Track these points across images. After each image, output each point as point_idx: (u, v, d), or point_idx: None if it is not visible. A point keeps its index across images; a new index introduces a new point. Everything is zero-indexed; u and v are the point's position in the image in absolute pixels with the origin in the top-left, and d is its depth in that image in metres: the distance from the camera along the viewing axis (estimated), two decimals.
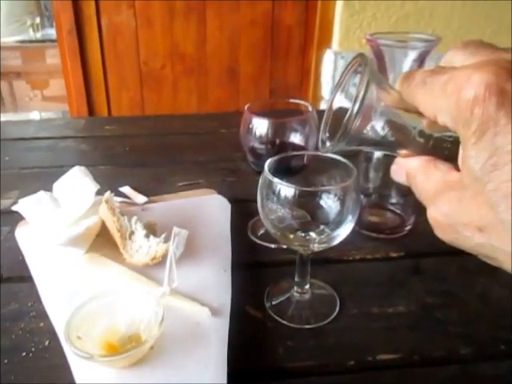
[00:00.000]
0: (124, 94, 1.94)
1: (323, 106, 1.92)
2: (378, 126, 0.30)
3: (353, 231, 0.44)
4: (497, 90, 0.21)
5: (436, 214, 0.26)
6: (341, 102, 0.33)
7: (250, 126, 0.55)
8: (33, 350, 0.44)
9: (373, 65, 0.29)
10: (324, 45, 1.89)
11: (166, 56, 1.89)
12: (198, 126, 1.06)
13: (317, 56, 1.92)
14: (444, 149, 0.28)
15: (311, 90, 1.99)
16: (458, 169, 0.26)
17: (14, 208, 0.60)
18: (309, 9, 1.86)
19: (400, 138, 0.30)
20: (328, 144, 0.32)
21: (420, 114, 0.26)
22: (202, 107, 1.97)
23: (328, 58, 1.89)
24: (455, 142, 0.25)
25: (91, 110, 1.94)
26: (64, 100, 2.56)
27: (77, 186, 0.58)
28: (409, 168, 0.29)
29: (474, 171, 0.22)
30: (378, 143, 0.31)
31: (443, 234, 0.26)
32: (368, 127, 0.30)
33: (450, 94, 0.23)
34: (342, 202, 0.42)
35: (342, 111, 0.29)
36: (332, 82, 1.87)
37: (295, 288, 0.50)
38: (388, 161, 0.59)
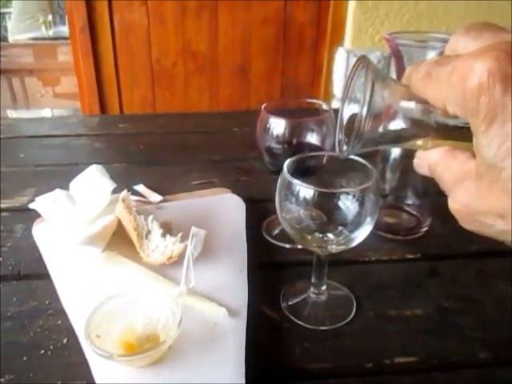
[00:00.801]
0: (136, 91, 1.94)
1: (335, 104, 1.92)
2: (391, 124, 0.29)
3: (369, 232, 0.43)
4: (500, 76, 0.21)
5: (456, 204, 0.26)
6: (351, 108, 0.32)
7: (267, 126, 0.54)
8: (51, 347, 0.44)
9: (376, 65, 0.29)
10: (336, 43, 1.88)
11: (177, 54, 1.89)
12: (211, 125, 1.06)
13: (329, 54, 1.91)
14: (464, 135, 0.27)
15: (323, 88, 1.98)
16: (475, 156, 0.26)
17: (30, 206, 0.60)
18: (321, 7, 1.85)
19: (416, 132, 0.29)
20: (345, 149, 0.32)
21: (432, 105, 0.26)
22: (214, 105, 1.97)
23: (340, 56, 1.88)
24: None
25: (103, 108, 1.95)
26: (75, 97, 2.58)
27: (93, 184, 0.59)
28: (429, 160, 0.29)
29: (487, 159, 0.22)
30: (395, 140, 0.31)
31: (466, 223, 0.26)
32: (381, 127, 0.29)
33: (455, 85, 0.23)
34: (361, 203, 0.42)
35: (354, 116, 0.29)
36: (344, 81, 1.86)
37: (311, 289, 0.49)
38: (404, 162, 0.59)
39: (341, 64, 1.88)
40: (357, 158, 0.44)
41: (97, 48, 1.84)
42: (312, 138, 0.56)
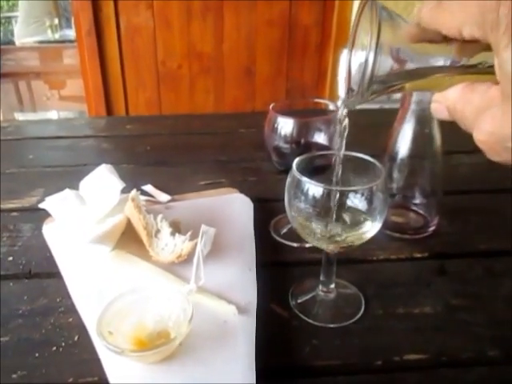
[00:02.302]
0: (141, 93, 1.95)
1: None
2: (402, 65, 0.28)
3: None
4: None
5: (481, 137, 0.25)
6: (358, 56, 0.31)
7: (275, 126, 0.55)
8: (63, 344, 0.44)
9: (382, 4, 0.27)
10: (341, 44, 1.88)
11: (183, 56, 1.90)
12: (217, 126, 1.06)
13: (334, 56, 1.91)
14: (481, 70, 0.26)
15: (328, 89, 1.98)
16: (497, 83, 0.24)
17: (40, 206, 0.61)
18: (326, 9, 1.86)
19: (429, 71, 0.28)
20: (354, 98, 0.30)
21: (445, 41, 0.26)
22: (219, 107, 1.97)
23: (344, 57, 1.88)
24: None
25: (109, 110, 1.96)
26: (80, 100, 2.59)
27: (103, 183, 0.59)
28: (447, 101, 0.28)
29: None
30: (407, 83, 0.29)
31: (494, 154, 0.25)
32: (391, 69, 0.28)
33: (470, 4, 0.22)
34: (370, 201, 0.42)
35: (362, 64, 0.28)
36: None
37: (320, 287, 0.50)
38: (411, 162, 0.59)
39: (344, 66, 1.88)
40: (366, 156, 0.45)
41: (103, 50, 1.85)
42: (320, 138, 0.56)
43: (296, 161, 0.43)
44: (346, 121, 0.40)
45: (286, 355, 0.43)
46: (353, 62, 0.31)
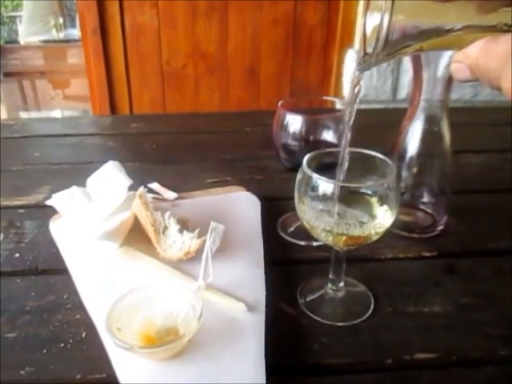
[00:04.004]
0: (146, 93, 1.95)
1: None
2: (418, 26, 0.27)
3: None
4: None
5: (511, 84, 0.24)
6: (373, 18, 0.30)
7: (284, 123, 0.55)
8: (70, 341, 0.44)
9: None
10: (346, 44, 1.88)
11: (187, 55, 1.90)
12: (222, 125, 1.06)
13: (338, 56, 1.91)
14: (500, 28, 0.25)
15: (332, 89, 1.98)
16: None
17: (47, 202, 0.61)
18: (331, 8, 1.85)
19: (447, 31, 0.27)
20: (369, 60, 0.30)
21: None
22: (223, 106, 1.97)
23: (350, 57, 1.88)
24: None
25: (113, 109, 1.96)
26: (84, 99, 2.59)
27: (110, 180, 0.59)
28: (469, 57, 0.27)
29: None
30: (424, 41, 0.28)
31: None
32: (407, 29, 0.27)
33: None
34: (381, 198, 0.42)
35: (377, 26, 0.27)
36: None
37: (329, 285, 0.49)
38: (420, 160, 0.59)
39: (350, 65, 1.88)
40: (376, 153, 0.44)
41: (108, 49, 1.85)
42: (328, 136, 0.56)
43: (306, 157, 0.43)
44: (361, 84, 0.38)
45: (295, 353, 0.43)
46: (368, 24, 0.30)
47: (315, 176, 0.41)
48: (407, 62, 1.82)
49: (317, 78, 1.98)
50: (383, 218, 0.42)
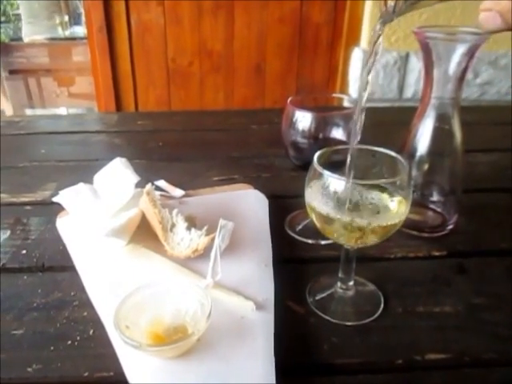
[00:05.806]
0: (151, 90, 1.95)
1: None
2: None
3: None
4: None
5: None
6: None
7: (293, 120, 0.54)
8: (78, 338, 0.44)
9: None
10: (352, 43, 1.87)
11: (193, 53, 1.89)
12: (229, 123, 1.06)
13: (345, 54, 1.90)
14: None
15: (338, 88, 1.97)
16: None
17: (54, 199, 0.61)
18: (338, 7, 1.84)
19: None
20: (394, 8, 0.29)
21: None
22: (229, 104, 1.97)
23: (356, 56, 1.87)
24: None
25: (119, 107, 1.96)
26: (89, 97, 2.59)
27: (117, 177, 0.59)
28: (499, 4, 0.26)
29: None
30: None
31: None
32: None
33: None
34: (392, 196, 0.41)
35: None
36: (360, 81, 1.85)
37: (339, 284, 0.49)
38: (430, 159, 0.58)
39: (357, 64, 1.86)
40: (389, 151, 0.44)
41: (113, 47, 1.85)
42: (338, 133, 0.55)
43: (317, 154, 0.42)
44: (380, 40, 0.36)
45: (305, 352, 0.43)
46: None
47: (326, 173, 0.40)
48: (414, 61, 1.81)
49: (323, 77, 1.97)
50: (393, 218, 0.42)
